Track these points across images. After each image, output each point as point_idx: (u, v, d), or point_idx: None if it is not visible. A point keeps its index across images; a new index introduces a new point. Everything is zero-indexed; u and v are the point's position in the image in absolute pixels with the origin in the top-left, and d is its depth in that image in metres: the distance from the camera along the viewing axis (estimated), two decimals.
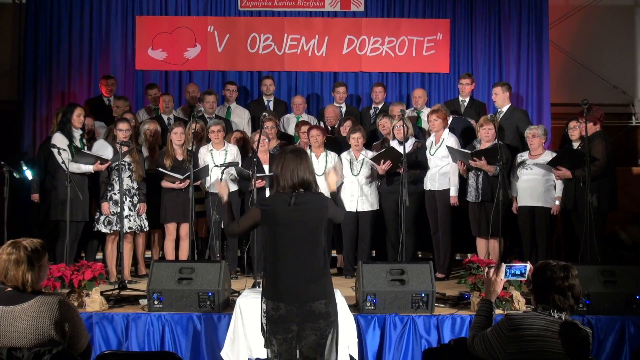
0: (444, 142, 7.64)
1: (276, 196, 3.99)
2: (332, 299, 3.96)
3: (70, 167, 7.01)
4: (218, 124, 7.72)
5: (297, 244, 3.90)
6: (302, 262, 3.90)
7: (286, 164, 3.99)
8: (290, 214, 3.91)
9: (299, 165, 3.97)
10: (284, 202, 3.92)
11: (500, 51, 10.03)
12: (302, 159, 4.01)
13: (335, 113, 8.87)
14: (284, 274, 3.89)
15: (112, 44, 9.96)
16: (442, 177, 7.66)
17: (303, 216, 3.91)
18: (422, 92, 9.03)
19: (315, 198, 3.97)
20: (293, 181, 3.95)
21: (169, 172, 7.38)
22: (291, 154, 4.01)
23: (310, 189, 3.98)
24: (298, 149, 4.10)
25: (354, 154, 7.79)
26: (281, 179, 3.99)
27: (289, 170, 3.97)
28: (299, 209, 3.90)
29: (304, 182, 3.96)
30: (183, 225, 7.55)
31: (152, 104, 9.19)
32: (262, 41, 9.99)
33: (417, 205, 7.70)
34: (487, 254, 7.42)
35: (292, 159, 3.99)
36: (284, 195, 3.95)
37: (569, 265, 3.50)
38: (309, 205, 3.93)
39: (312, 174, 4.01)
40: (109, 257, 7.46)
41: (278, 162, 4.05)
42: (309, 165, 4.00)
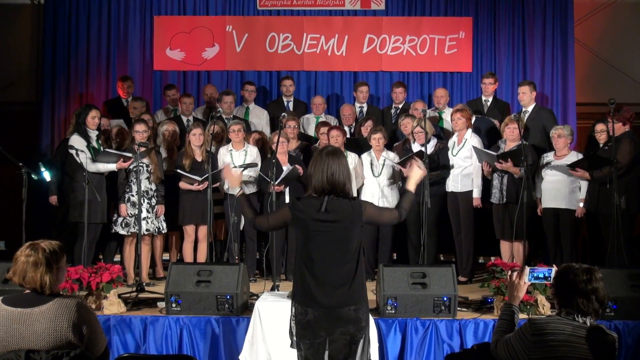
0: (467, 143, 7.61)
1: (308, 201, 3.93)
2: (363, 304, 3.92)
3: (88, 168, 7.06)
4: (239, 124, 7.75)
5: (327, 249, 3.87)
6: (331, 268, 3.86)
7: (319, 165, 3.92)
8: (320, 220, 3.87)
9: (332, 166, 3.89)
10: (315, 208, 3.88)
11: (524, 50, 9.96)
12: (337, 160, 3.91)
13: (352, 112, 8.87)
14: (313, 279, 3.88)
15: (130, 44, 10.02)
16: (464, 178, 7.62)
17: (334, 222, 3.86)
18: (444, 91, 9.00)
19: (348, 204, 3.90)
20: (324, 183, 3.90)
21: (187, 173, 7.41)
22: (326, 155, 3.93)
23: (344, 192, 3.90)
24: (334, 149, 3.99)
25: (374, 155, 7.78)
26: (313, 179, 3.95)
27: (320, 171, 3.91)
28: (330, 215, 3.87)
29: (337, 184, 3.89)
30: (201, 227, 7.57)
31: (170, 104, 9.24)
32: (281, 41, 10.01)
33: (439, 207, 7.68)
34: (511, 257, 7.38)
35: (326, 160, 3.91)
36: (315, 199, 3.91)
37: (592, 268, 3.47)
38: (341, 211, 3.87)
39: (346, 176, 3.92)
40: (127, 260, 7.50)
41: (312, 162, 4.01)
42: (343, 168, 3.91)
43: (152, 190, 7.45)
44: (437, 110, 8.91)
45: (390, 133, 8.37)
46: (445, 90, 9.09)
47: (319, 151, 4.01)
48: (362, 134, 8.36)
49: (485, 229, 7.84)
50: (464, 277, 7.65)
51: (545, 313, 5.76)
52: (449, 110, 8.66)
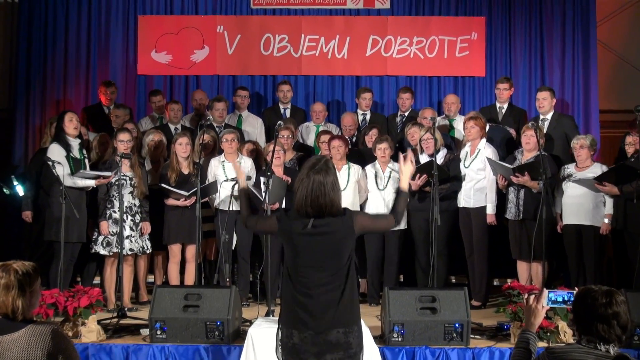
0: (480, 154, 7.61)
1: (295, 216, 3.94)
2: (354, 327, 3.90)
3: (65, 182, 7.06)
4: (232, 133, 7.77)
5: (314, 267, 3.89)
6: (318, 287, 3.88)
7: (302, 184, 3.92)
8: (306, 238, 3.89)
9: (316, 187, 3.88)
10: (300, 225, 3.90)
11: (542, 52, 9.99)
12: (322, 179, 3.89)
13: (354, 121, 8.88)
14: (298, 299, 3.89)
15: (112, 46, 10.05)
16: (477, 192, 7.62)
17: (321, 239, 3.89)
18: (454, 98, 9.01)
19: (337, 221, 3.90)
20: (307, 206, 3.89)
21: (173, 187, 7.41)
22: (313, 172, 3.91)
23: (336, 211, 3.90)
24: (321, 165, 3.95)
25: (379, 167, 7.78)
26: (296, 198, 3.95)
27: (303, 192, 3.90)
28: (317, 232, 3.89)
29: (322, 207, 3.88)
30: (189, 247, 7.57)
31: (155, 112, 9.26)
32: (277, 42, 10.03)
33: (450, 225, 7.67)
34: (529, 279, 7.36)
35: (310, 179, 3.90)
36: (302, 219, 3.91)
37: (612, 290, 3.46)
38: (329, 228, 3.89)
39: (333, 196, 3.89)
40: (108, 282, 7.48)
41: (297, 177, 3.99)
42: (329, 188, 3.89)
43: (135, 206, 7.44)
44: (448, 119, 8.92)
45: (396, 143, 8.38)
46: (456, 96, 9.11)
47: (305, 165, 4.00)
48: (366, 144, 8.37)
49: (501, 248, 7.83)
50: (478, 302, 7.63)
51: (567, 341, 5.75)
52: (460, 118, 8.68)
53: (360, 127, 8.99)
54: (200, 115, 9.16)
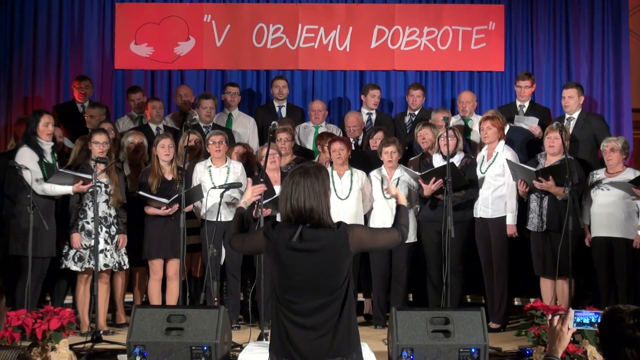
0: (499, 157, 7.60)
1: (282, 228, 3.91)
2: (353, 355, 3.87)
3: (35, 189, 7.03)
4: (220, 134, 7.75)
5: (306, 288, 3.84)
6: (312, 311, 3.83)
7: (284, 188, 3.92)
8: (294, 253, 3.84)
9: (298, 190, 3.86)
10: (288, 239, 3.84)
11: (568, 44, 9.99)
12: (312, 181, 3.87)
13: (359, 121, 8.87)
14: (289, 324, 3.85)
15: (86, 38, 10.04)
16: (496, 201, 7.60)
17: (311, 263, 3.83)
18: (470, 95, 9.01)
19: (329, 235, 3.85)
20: (287, 212, 3.86)
21: (152, 195, 7.39)
22: (298, 175, 3.90)
23: (321, 222, 3.86)
24: (310, 167, 3.95)
25: (386, 172, 7.77)
26: (280, 206, 3.93)
27: (284, 197, 3.89)
28: (306, 247, 3.83)
29: (304, 213, 3.84)
30: (172, 262, 7.55)
31: (134, 111, 9.25)
32: (271, 33, 10.04)
33: (466, 237, 7.66)
34: (554, 298, 7.34)
35: (297, 181, 3.88)
36: (289, 230, 3.87)
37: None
38: (320, 239, 3.84)
39: (318, 202, 3.85)
40: (81, 302, 7.45)
41: (282, 184, 3.98)
42: (313, 192, 3.86)
43: (111, 216, 7.42)
44: (463, 119, 8.91)
45: (404, 146, 8.36)
46: (471, 93, 9.11)
47: (291, 171, 4.00)
48: (369, 147, 8.36)
49: (522, 263, 7.82)
50: (497, 324, 7.62)
51: None
52: (476, 118, 8.67)
53: (365, 129, 8.98)
54: (184, 115, 9.14)
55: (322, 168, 4.02)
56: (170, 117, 9.35)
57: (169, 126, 8.96)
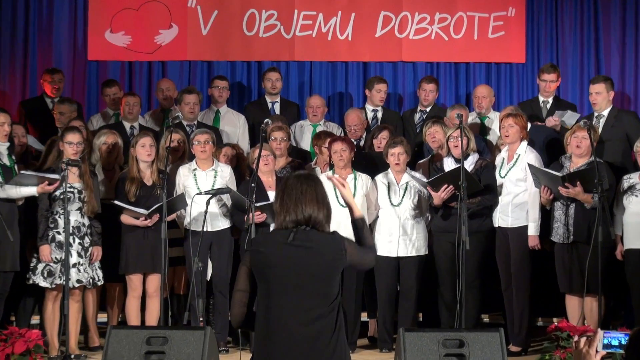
0: (521, 160, 7.60)
1: (272, 234, 4.08)
2: None
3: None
4: (206, 134, 7.73)
5: (296, 296, 3.91)
6: (302, 324, 3.90)
7: (287, 195, 4.05)
8: (287, 255, 3.95)
9: (304, 195, 4.03)
10: (281, 240, 3.97)
11: (597, 33, 10.02)
12: (310, 186, 4.06)
13: (361, 120, 8.85)
14: (277, 338, 3.90)
15: (55, 25, 10.03)
16: (517, 208, 7.60)
17: (305, 259, 3.95)
18: (487, 90, 9.01)
19: (325, 238, 4.01)
20: (295, 218, 4.01)
21: (129, 205, 7.37)
22: (295, 180, 4.08)
23: (318, 226, 4.03)
24: (305, 173, 4.21)
25: (393, 177, 7.77)
26: (279, 215, 4.06)
27: (290, 204, 4.03)
28: (301, 249, 3.95)
29: (310, 219, 4.01)
30: (152, 277, 7.54)
31: (110, 107, 9.24)
32: (263, 20, 10.04)
33: (482, 249, 7.65)
34: (582, 318, 7.33)
35: (295, 187, 4.05)
36: (282, 232, 4.01)
37: None
38: (314, 246, 3.97)
39: (322, 208, 4.05)
40: (49, 322, 7.43)
41: (277, 192, 4.13)
42: (318, 196, 4.05)
43: (85, 225, 7.42)
44: (479, 116, 8.92)
45: (414, 147, 8.35)
46: (489, 88, 9.10)
47: (286, 179, 4.16)
48: (373, 148, 8.36)
49: (546, 278, 7.80)
50: (517, 347, 7.60)
51: None
52: (494, 115, 8.69)
53: (370, 127, 8.99)
54: (166, 112, 9.14)
55: (313, 175, 4.25)
56: (150, 114, 9.35)
57: (146, 126, 8.95)
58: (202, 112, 9.10)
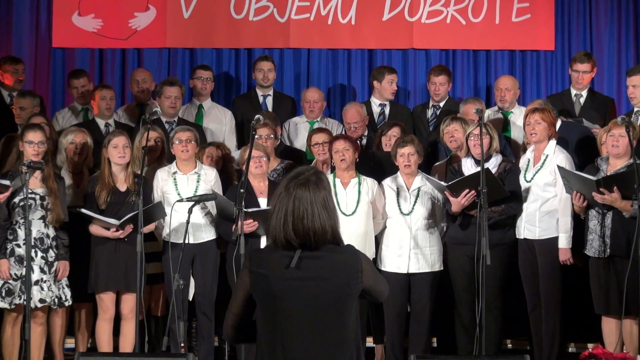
0: (549, 161, 7.60)
1: (272, 255, 3.91)
2: None
3: None
4: (188, 131, 7.71)
5: (305, 330, 3.84)
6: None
7: (279, 204, 3.89)
8: (291, 282, 3.84)
9: (299, 203, 3.86)
10: (283, 263, 3.85)
11: (637, 17, 10.03)
12: (310, 191, 3.87)
13: (361, 116, 8.84)
14: None
15: (15, 7, 10.06)
16: (545, 217, 7.60)
17: (314, 285, 3.84)
18: (511, 81, 9.03)
19: (337, 256, 3.88)
20: (288, 234, 3.84)
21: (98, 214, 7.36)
22: (291, 183, 3.90)
23: (327, 239, 3.87)
24: (305, 172, 3.95)
25: (403, 181, 7.75)
26: (276, 229, 3.89)
27: (280, 215, 3.86)
28: (307, 274, 3.84)
29: (309, 235, 3.85)
30: (126, 297, 7.54)
31: (78, 101, 9.26)
32: (254, 2, 10.05)
33: (506, 264, 7.66)
34: (620, 342, 7.32)
35: (291, 194, 3.87)
36: (283, 253, 3.87)
37: None
38: (325, 266, 3.85)
39: (322, 220, 3.86)
40: (8, 348, 7.43)
41: (274, 199, 3.95)
42: (318, 204, 3.87)
43: (49, 237, 7.41)
44: (501, 111, 8.94)
45: (426, 147, 8.35)
46: (513, 79, 9.13)
47: (285, 178, 4.01)
48: (382, 148, 8.36)
49: (579, 298, 7.81)
50: None
51: None
52: (519, 110, 8.71)
53: (374, 124, 8.96)
54: (142, 107, 9.17)
55: (323, 174, 4.03)
56: (124, 109, 9.37)
57: (122, 122, 8.95)
58: (183, 107, 9.12)
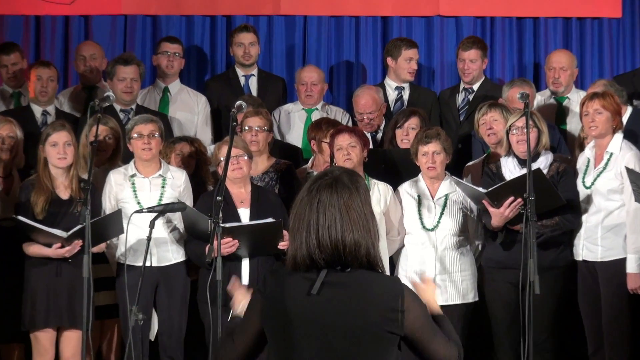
0: (614, 161, 7.61)
1: (290, 277, 3.95)
2: None
3: None
4: (150, 122, 7.74)
5: None
6: None
7: (301, 211, 3.95)
8: (314, 311, 3.89)
9: (327, 212, 3.90)
10: (302, 288, 3.90)
11: None
12: (339, 197, 3.91)
13: (377, 103, 8.91)
14: None
15: None
16: (610, 234, 7.62)
17: (342, 316, 3.88)
18: (566, 57, 9.08)
19: (374, 282, 3.92)
20: (311, 248, 3.89)
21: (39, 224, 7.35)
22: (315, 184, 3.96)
23: (361, 262, 3.91)
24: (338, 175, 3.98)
25: (426, 187, 7.80)
26: (291, 244, 3.96)
27: (303, 225, 3.92)
28: (333, 301, 3.88)
29: (356, 250, 3.90)
30: (69, 336, 7.56)
31: (7, 84, 9.34)
32: None
33: (560, 293, 7.68)
34: None
35: (314, 199, 3.93)
36: (302, 276, 3.92)
37: None
38: (354, 296, 3.89)
39: (364, 230, 3.90)
40: None
41: (293, 206, 4.01)
42: (356, 213, 3.91)
43: None
44: (555, 96, 9.00)
45: (456, 142, 8.39)
46: (569, 55, 9.19)
47: (308, 182, 4.05)
48: (397, 143, 8.40)
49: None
50: None
51: None
52: (577, 94, 8.76)
53: (391, 113, 8.99)
54: (91, 89, 9.23)
55: (356, 173, 4.10)
56: (67, 94, 9.41)
57: (64, 110, 8.99)
58: (144, 91, 9.19)
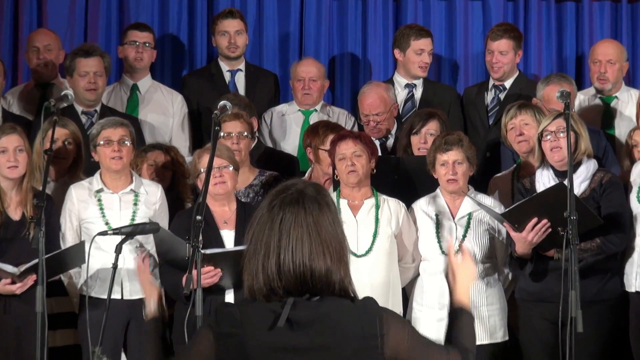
0: None
1: (249, 306, 4.03)
2: None
3: None
4: (120, 126, 7.76)
5: None
6: None
7: (259, 231, 4.03)
8: (282, 349, 3.97)
9: (309, 233, 3.99)
10: (264, 321, 3.96)
11: None
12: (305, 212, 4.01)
13: (386, 104, 8.98)
14: None
15: None
16: None
17: (313, 352, 3.97)
18: (614, 49, 9.11)
19: (348, 311, 3.99)
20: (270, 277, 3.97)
21: None
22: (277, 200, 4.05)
23: (331, 289, 3.99)
24: (300, 185, 4.11)
25: (445, 204, 7.79)
26: (247, 270, 4.04)
27: (261, 249, 3.99)
28: (303, 335, 3.96)
29: (326, 279, 3.99)
30: None
31: None
32: None
33: (607, 331, 7.66)
34: None
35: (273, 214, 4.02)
36: (266, 306, 3.99)
37: None
38: (326, 328, 3.97)
39: (338, 255, 4.01)
40: None
41: (249, 230, 4.10)
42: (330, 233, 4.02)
43: None
44: (600, 94, 8.98)
45: (484, 150, 8.36)
46: (618, 45, 9.21)
47: (268, 197, 4.16)
48: (411, 150, 8.39)
49: None
50: None
51: None
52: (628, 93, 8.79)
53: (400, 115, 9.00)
54: (45, 87, 9.23)
55: (323, 187, 4.23)
56: (17, 93, 9.42)
57: (12, 112, 8.99)
58: (108, 89, 9.20)
